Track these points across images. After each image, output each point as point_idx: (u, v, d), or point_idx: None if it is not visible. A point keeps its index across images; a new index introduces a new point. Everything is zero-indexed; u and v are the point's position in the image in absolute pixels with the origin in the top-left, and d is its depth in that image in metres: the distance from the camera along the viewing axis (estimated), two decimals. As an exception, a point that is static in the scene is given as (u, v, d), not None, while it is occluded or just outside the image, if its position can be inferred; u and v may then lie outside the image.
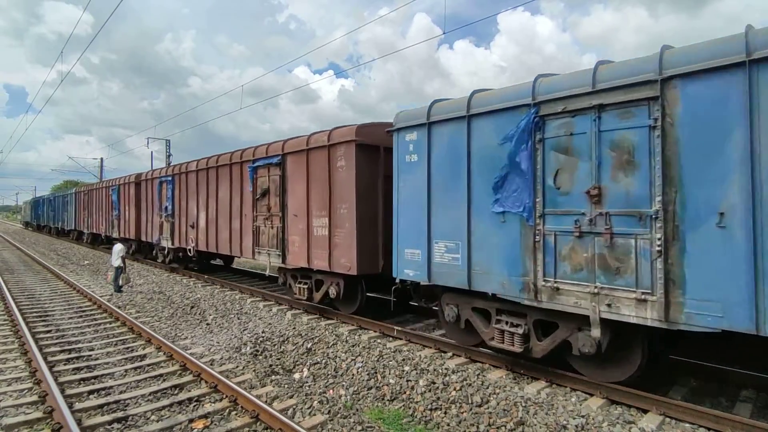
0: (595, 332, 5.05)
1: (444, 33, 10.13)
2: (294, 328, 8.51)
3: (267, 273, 11.06)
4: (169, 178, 15.88)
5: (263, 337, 8.20)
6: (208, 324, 9.62)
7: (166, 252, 16.52)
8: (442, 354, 7.04)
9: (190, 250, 14.48)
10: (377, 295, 9.63)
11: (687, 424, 4.77)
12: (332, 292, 8.88)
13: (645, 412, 5.06)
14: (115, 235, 20.88)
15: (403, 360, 6.72)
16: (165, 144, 33.01)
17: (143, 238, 18.49)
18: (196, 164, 14.15)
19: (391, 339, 7.88)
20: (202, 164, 13.80)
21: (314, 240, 9.09)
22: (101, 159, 42.67)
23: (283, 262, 9.97)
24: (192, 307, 10.89)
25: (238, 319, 9.65)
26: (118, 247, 13.18)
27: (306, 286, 9.64)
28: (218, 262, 17.13)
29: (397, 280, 7.43)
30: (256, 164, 10.91)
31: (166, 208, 15.98)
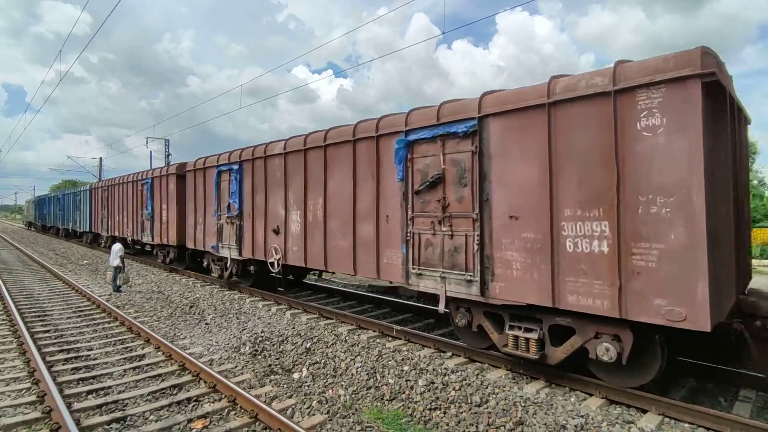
0: None
1: (443, 33, 10.11)
2: (293, 328, 8.49)
3: (441, 309, 6.81)
4: (235, 166, 11.78)
5: (262, 336, 8.19)
6: (207, 324, 9.61)
7: (227, 264, 12.42)
8: (441, 354, 7.03)
9: (273, 264, 10.39)
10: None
11: (686, 424, 4.78)
12: (605, 352, 5.16)
13: (644, 411, 5.06)
14: (146, 239, 17.59)
15: (403, 360, 6.72)
16: (164, 143, 33.03)
17: (189, 245, 14.46)
18: (284, 145, 10.12)
19: (390, 339, 7.87)
20: (294, 144, 9.85)
21: (567, 260, 5.32)
22: (100, 158, 42.74)
23: (482, 293, 6.20)
24: (191, 307, 10.88)
25: (237, 318, 9.64)
26: (117, 247, 13.15)
27: (533, 337, 5.79)
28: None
29: None
30: (413, 137, 7.11)
31: (230, 206, 12.02)
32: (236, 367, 7.06)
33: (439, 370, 6.26)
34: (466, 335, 6.92)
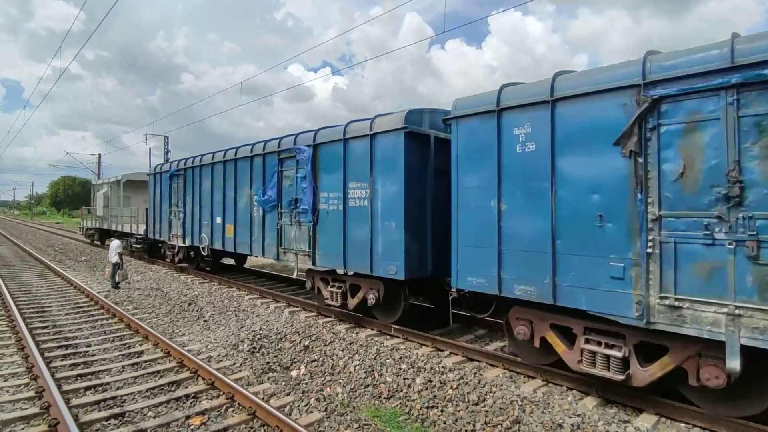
0: None
1: (444, 32, 10.14)
2: (291, 326, 8.51)
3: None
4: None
5: (261, 334, 8.21)
6: (205, 321, 9.62)
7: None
8: (439, 352, 7.06)
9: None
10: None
11: (682, 424, 4.81)
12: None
13: (640, 411, 5.09)
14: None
15: (400, 358, 6.74)
16: (163, 140, 32.99)
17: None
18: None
19: (388, 337, 7.90)
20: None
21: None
22: (99, 155, 42.45)
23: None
24: (189, 304, 10.88)
25: (236, 316, 9.65)
26: (115, 243, 13.15)
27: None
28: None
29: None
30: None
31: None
32: (234, 364, 7.08)
33: (437, 369, 6.28)
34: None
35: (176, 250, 15.45)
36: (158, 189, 16.49)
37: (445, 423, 5.17)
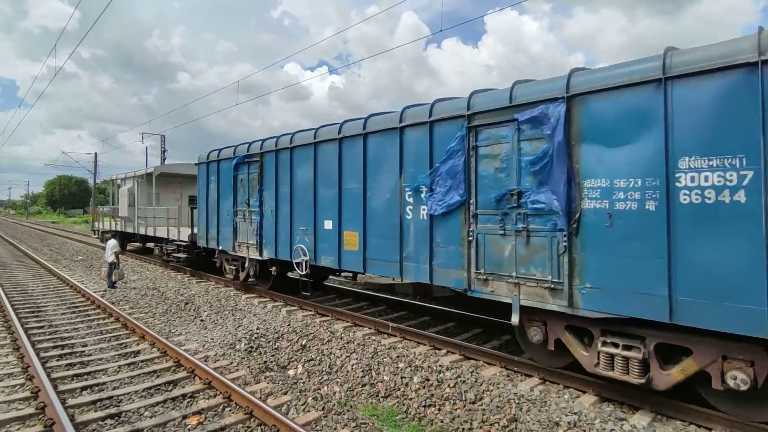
0: None
1: (440, 30, 10.12)
2: (289, 325, 8.50)
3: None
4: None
5: (258, 333, 8.20)
6: (202, 320, 9.60)
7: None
8: (437, 351, 7.06)
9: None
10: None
11: (678, 422, 4.83)
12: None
13: (636, 409, 5.11)
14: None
15: (398, 357, 6.74)
16: (160, 139, 32.91)
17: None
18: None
19: (385, 336, 7.89)
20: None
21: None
22: (95, 154, 42.34)
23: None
24: (186, 304, 10.86)
25: (233, 315, 9.63)
26: (112, 243, 13.10)
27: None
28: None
29: None
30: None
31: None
32: (231, 363, 7.07)
33: (434, 368, 6.28)
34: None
35: (243, 264, 11.30)
36: (214, 182, 12.14)
37: (442, 421, 5.18)
